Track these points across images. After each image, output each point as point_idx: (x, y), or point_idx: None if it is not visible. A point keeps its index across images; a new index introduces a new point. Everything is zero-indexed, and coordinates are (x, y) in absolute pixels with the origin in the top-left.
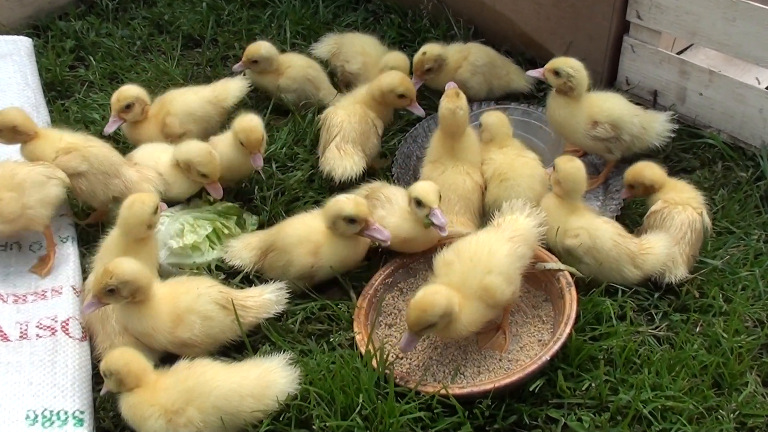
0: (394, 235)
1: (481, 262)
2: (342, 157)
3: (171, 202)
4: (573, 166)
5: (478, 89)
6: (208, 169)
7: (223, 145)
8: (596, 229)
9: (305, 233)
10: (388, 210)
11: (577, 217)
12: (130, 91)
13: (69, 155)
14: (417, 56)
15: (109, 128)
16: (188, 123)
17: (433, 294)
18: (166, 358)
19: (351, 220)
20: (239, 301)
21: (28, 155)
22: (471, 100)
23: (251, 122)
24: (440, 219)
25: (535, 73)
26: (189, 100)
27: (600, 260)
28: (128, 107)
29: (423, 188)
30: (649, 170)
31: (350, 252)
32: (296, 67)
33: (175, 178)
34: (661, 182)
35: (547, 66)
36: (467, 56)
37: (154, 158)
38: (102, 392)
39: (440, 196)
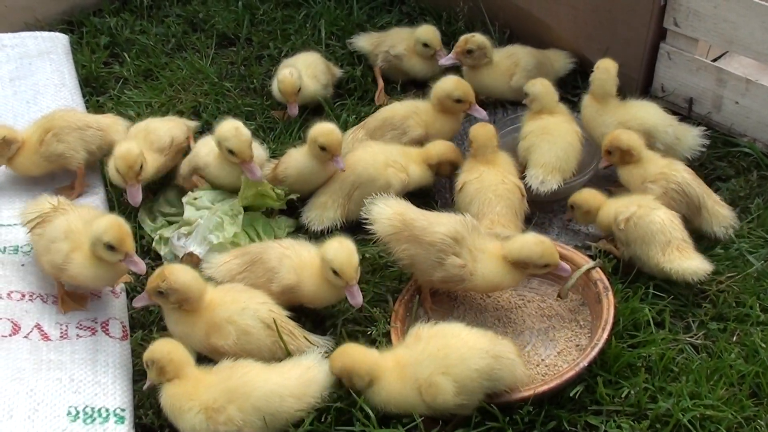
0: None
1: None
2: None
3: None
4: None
5: None
6: (234, 144)
7: (298, 155)
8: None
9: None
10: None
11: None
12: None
13: (43, 145)
14: (464, 36)
15: (135, 199)
16: None
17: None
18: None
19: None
20: (287, 326)
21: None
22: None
23: (329, 126)
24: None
25: None
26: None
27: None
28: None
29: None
30: (626, 135)
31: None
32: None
33: (222, 165)
34: (638, 149)
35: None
36: (518, 62)
37: (209, 146)
38: (145, 386)
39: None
